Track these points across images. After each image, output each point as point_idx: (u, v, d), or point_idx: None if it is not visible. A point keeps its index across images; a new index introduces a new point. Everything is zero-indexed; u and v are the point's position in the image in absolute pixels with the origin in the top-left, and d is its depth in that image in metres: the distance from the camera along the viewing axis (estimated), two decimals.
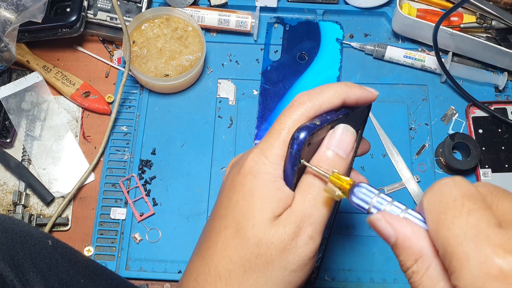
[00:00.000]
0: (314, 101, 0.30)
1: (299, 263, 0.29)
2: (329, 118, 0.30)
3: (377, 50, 0.62)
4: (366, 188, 0.28)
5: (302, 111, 0.30)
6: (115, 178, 0.57)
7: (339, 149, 0.31)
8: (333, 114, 0.31)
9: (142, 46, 0.59)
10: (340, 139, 0.31)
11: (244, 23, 0.62)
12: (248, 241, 0.29)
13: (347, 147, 0.31)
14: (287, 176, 0.30)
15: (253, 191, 0.29)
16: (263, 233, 0.29)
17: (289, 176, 0.30)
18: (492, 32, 0.60)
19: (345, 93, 0.31)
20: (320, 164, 0.30)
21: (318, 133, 0.30)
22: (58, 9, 0.60)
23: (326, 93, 0.31)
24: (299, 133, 0.29)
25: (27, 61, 0.60)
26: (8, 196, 0.56)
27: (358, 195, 0.27)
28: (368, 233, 0.54)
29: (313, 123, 0.29)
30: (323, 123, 0.30)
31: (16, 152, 0.58)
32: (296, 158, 0.29)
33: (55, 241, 0.43)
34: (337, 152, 0.30)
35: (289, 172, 0.30)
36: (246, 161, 0.30)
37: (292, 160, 0.29)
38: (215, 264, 0.30)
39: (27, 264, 0.39)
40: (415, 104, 0.60)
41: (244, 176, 0.30)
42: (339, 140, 0.31)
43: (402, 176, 0.57)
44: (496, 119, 0.58)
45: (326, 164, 0.30)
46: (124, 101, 0.60)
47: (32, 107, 0.59)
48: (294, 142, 0.29)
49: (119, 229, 0.55)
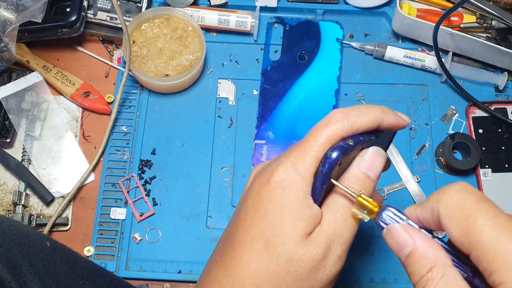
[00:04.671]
0: (351, 121, 0.30)
1: (326, 281, 0.29)
2: (361, 139, 0.30)
3: (377, 50, 0.62)
4: (393, 212, 0.28)
5: (337, 130, 0.30)
6: (115, 178, 0.57)
7: (370, 170, 0.31)
8: (366, 136, 0.31)
9: (142, 46, 0.59)
10: (371, 161, 0.31)
11: (244, 23, 0.62)
12: (279, 257, 0.28)
13: (377, 169, 0.31)
14: (315, 194, 0.30)
15: (284, 205, 0.29)
16: (294, 250, 0.28)
17: (317, 194, 0.30)
18: (492, 32, 0.60)
19: (381, 119, 0.31)
20: (350, 184, 0.30)
21: (350, 153, 0.30)
22: (58, 9, 0.60)
23: (365, 116, 0.31)
24: (332, 152, 0.29)
25: (27, 61, 0.60)
26: (8, 196, 0.56)
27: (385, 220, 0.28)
28: (369, 233, 0.54)
29: (346, 143, 0.29)
30: (356, 144, 0.30)
31: (16, 152, 0.58)
32: (326, 177, 0.29)
33: (53, 243, 0.43)
34: (367, 173, 0.31)
35: (318, 190, 0.30)
36: (276, 173, 0.30)
37: (322, 179, 0.29)
38: (240, 277, 0.29)
39: (25, 266, 0.39)
40: (415, 104, 0.60)
41: (273, 188, 0.30)
42: (370, 161, 0.31)
43: (402, 176, 0.57)
44: (496, 119, 0.58)
45: (356, 185, 0.30)
46: (124, 101, 0.60)
47: (32, 107, 0.59)
48: (326, 161, 0.29)
49: (119, 229, 0.55)
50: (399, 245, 0.26)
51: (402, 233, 0.26)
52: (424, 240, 0.26)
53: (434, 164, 0.57)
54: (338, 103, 0.60)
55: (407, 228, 0.27)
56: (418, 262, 0.25)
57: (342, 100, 0.60)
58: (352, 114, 0.31)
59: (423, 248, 0.25)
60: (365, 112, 0.31)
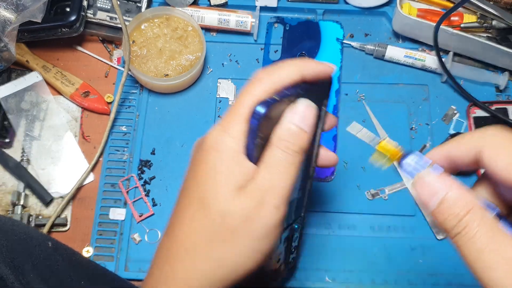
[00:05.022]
0: (273, 77, 0.31)
1: (263, 231, 0.30)
2: (288, 93, 0.31)
3: (378, 50, 0.61)
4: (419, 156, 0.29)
5: (261, 87, 0.31)
6: (115, 179, 0.56)
7: (300, 121, 0.31)
8: (293, 90, 0.32)
9: (142, 46, 0.59)
10: (300, 112, 0.32)
11: (244, 23, 0.62)
12: (212, 213, 0.30)
13: (307, 119, 0.32)
14: (249, 151, 0.31)
15: (216, 166, 0.30)
16: (227, 205, 0.30)
17: (251, 150, 0.31)
18: (492, 32, 0.59)
19: (303, 69, 0.32)
20: (281, 136, 0.31)
21: (278, 107, 0.31)
22: (58, 9, 0.60)
23: (285, 69, 0.32)
24: (257, 108, 0.30)
25: (27, 61, 0.60)
26: (7, 197, 0.56)
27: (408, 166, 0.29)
28: (369, 233, 0.54)
29: (272, 98, 0.31)
30: (282, 97, 0.31)
31: (15, 152, 0.57)
32: (256, 132, 0.30)
33: (55, 243, 0.43)
34: (298, 124, 0.31)
35: (251, 147, 0.31)
36: (208, 138, 0.31)
37: (253, 135, 0.30)
38: (181, 239, 0.31)
39: (27, 266, 0.39)
40: (415, 104, 0.60)
41: (206, 152, 0.31)
42: (298, 112, 0.32)
43: (403, 176, 0.56)
44: (497, 119, 0.58)
45: (288, 137, 0.31)
46: (124, 101, 0.60)
47: (32, 107, 0.59)
48: (252, 116, 0.30)
49: (118, 229, 0.54)
50: (431, 193, 0.27)
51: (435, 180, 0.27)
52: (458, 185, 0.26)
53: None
54: (339, 103, 0.60)
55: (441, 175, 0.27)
56: (454, 206, 0.26)
57: (343, 100, 0.60)
58: (273, 70, 0.32)
59: (460, 192, 0.26)
60: (286, 67, 0.32)
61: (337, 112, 0.59)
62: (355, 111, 0.60)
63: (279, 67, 0.32)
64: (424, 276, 0.52)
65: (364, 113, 0.60)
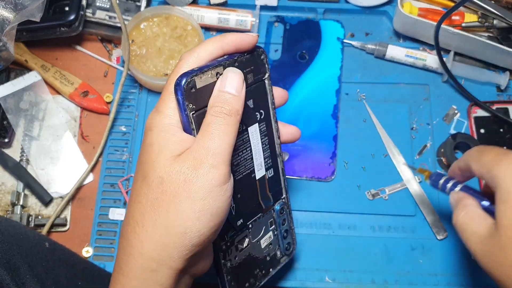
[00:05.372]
0: (194, 54, 0.34)
1: (204, 190, 0.31)
2: (209, 64, 0.34)
3: (378, 49, 0.61)
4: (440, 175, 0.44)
5: (186, 66, 0.33)
6: (114, 179, 0.56)
7: (229, 87, 0.33)
8: (216, 61, 0.34)
9: (141, 45, 0.59)
10: (225, 79, 0.33)
11: (244, 22, 0.61)
12: (152, 182, 0.32)
13: (235, 84, 0.33)
14: (184, 124, 0.33)
15: (153, 141, 0.32)
16: (164, 172, 0.31)
17: (185, 123, 0.33)
18: (493, 31, 0.59)
19: (222, 42, 0.34)
20: (211, 104, 0.33)
21: (203, 78, 0.33)
22: (57, 8, 0.60)
23: (204, 45, 0.34)
24: (177, 80, 0.32)
25: (26, 60, 0.60)
26: (6, 197, 0.55)
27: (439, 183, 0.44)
28: (369, 233, 0.54)
29: (191, 70, 0.33)
30: (202, 68, 0.33)
31: (14, 152, 0.57)
32: (183, 103, 0.32)
33: (52, 244, 0.43)
34: (223, 89, 0.33)
35: (185, 120, 0.33)
36: (146, 121, 0.34)
37: (182, 106, 0.32)
38: (131, 213, 0.33)
39: (23, 267, 0.39)
40: (416, 103, 0.60)
41: (145, 135, 0.34)
42: (224, 79, 0.33)
43: (403, 177, 0.56)
44: (498, 118, 0.58)
45: (216, 102, 0.33)
46: (123, 100, 0.60)
47: (31, 107, 0.58)
48: (176, 89, 0.32)
49: (118, 229, 0.54)
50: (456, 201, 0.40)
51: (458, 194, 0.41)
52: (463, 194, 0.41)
53: (435, 165, 0.57)
54: (339, 103, 0.60)
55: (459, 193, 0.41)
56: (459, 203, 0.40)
57: (343, 100, 0.60)
58: (194, 49, 0.34)
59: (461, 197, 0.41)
60: (206, 43, 0.35)
61: (337, 111, 0.59)
62: (356, 111, 0.59)
63: (200, 44, 0.35)
64: (425, 276, 0.52)
65: (365, 113, 0.59)
